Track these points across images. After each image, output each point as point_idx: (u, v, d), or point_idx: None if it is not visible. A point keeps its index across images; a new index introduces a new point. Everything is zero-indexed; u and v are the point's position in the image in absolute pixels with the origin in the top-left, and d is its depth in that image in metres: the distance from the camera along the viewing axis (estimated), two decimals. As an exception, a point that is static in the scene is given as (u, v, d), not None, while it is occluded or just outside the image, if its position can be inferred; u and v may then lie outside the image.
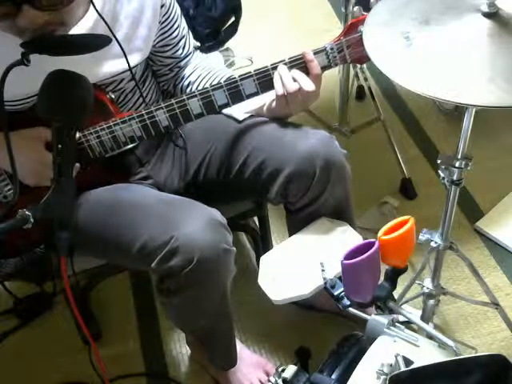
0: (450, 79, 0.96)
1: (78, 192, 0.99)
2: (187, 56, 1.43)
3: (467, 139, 1.17)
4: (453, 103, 0.94)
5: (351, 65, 1.94)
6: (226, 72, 1.41)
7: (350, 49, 1.23)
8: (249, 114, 1.37)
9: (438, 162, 1.22)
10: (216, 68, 1.43)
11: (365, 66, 2.01)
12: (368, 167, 2.03)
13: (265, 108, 1.33)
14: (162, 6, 1.29)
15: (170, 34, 1.35)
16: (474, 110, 1.13)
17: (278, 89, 1.24)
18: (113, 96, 1.27)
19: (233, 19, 1.97)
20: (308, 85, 1.23)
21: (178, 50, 1.40)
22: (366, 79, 2.04)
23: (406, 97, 2.31)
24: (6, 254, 1.35)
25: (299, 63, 1.24)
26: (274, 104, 1.30)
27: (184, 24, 1.39)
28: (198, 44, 1.57)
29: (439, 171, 1.23)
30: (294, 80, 1.23)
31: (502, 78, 0.93)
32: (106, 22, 1.15)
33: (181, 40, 1.39)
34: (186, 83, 1.42)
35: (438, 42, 1.01)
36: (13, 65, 0.92)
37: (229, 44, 2.12)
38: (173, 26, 1.34)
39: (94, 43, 1.04)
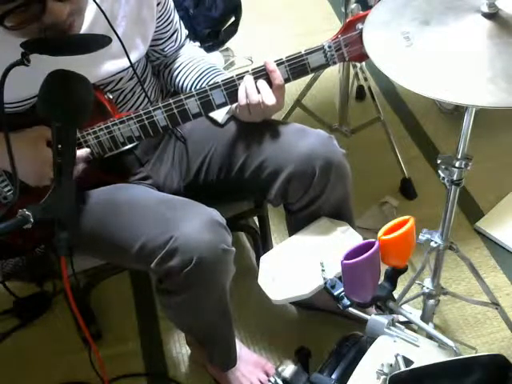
0: (450, 79, 0.96)
1: (77, 192, 0.98)
2: (179, 48, 1.44)
3: (467, 139, 1.17)
4: (453, 103, 0.95)
5: (351, 65, 1.94)
6: (210, 66, 1.40)
7: (348, 47, 1.22)
8: (228, 116, 1.37)
9: (438, 162, 1.22)
10: (201, 63, 1.42)
11: (365, 65, 2.01)
12: (368, 167, 2.03)
13: (237, 111, 1.32)
14: (158, 4, 1.29)
15: (163, 28, 1.36)
16: (473, 110, 1.13)
17: (241, 99, 1.24)
18: (111, 96, 1.27)
19: (233, 19, 1.97)
20: (268, 98, 1.22)
21: (171, 43, 1.40)
22: (365, 79, 2.03)
23: (406, 97, 2.31)
24: (5, 254, 1.35)
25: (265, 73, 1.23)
26: (237, 110, 1.30)
27: (177, 17, 1.40)
28: (198, 44, 1.56)
29: (439, 171, 1.22)
30: (258, 91, 1.23)
31: (501, 78, 0.93)
32: (105, 16, 1.14)
33: (174, 34, 1.39)
34: (176, 74, 1.42)
35: (438, 43, 1.01)
36: (13, 65, 0.92)
37: (229, 44, 2.12)
38: (166, 20, 1.35)
39: (94, 43, 1.04)
